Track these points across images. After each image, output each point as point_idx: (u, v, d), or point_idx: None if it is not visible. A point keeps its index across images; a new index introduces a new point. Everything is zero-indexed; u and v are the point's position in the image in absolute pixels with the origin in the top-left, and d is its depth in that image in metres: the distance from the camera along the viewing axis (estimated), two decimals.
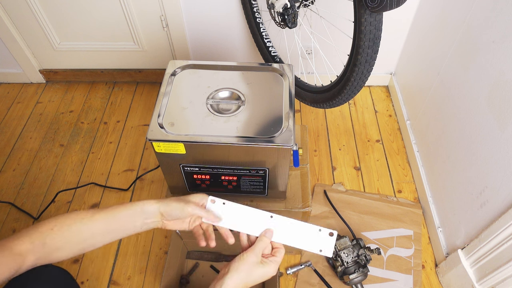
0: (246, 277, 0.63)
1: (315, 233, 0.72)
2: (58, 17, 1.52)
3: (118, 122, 1.61)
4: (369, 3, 0.80)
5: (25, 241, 0.58)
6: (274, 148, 0.80)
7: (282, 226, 0.72)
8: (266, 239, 0.68)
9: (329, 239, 0.72)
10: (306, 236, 0.72)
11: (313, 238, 0.72)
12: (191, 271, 1.16)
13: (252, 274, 0.64)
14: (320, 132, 1.56)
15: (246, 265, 0.63)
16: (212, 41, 1.57)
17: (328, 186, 1.37)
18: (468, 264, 1.02)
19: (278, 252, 0.68)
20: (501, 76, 0.89)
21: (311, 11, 1.20)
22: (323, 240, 0.72)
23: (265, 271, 0.65)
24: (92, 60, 1.70)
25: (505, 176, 0.87)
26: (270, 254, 0.68)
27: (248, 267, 0.63)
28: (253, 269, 0.63)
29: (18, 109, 1.68)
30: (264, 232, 0.69)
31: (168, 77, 0.92)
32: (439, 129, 1.21)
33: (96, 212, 0.65)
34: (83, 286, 1.16)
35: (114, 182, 1.40)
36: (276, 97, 0.88)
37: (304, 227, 0.72)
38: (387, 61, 1.62)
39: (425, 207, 1.28)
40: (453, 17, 1.12)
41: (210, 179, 0.92)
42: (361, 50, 0.90)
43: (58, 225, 0.61)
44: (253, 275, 0.64)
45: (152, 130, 0.81)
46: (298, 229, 0.72)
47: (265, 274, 0.65)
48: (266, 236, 0.69)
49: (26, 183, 1.41)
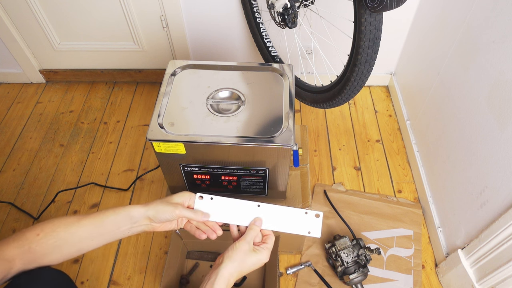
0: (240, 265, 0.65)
1: (302, 216, 0.74)
2: (58, 17, 1.52)
3: (118, 122, 1.61)
4: (369, 3, 0.80)
5: (12, 246, 0.59)
6: (274, 148, 0.80)
7: (270, 213, 0.74)
8: (256, 227, 0.70)
9: (316, 221, 0.74)
10: (294, 220, 0.74)
11: (301, 221, 0.74)
12: (191, 271, 1.16)
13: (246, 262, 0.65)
14: (320, 132, 1.56)
15: (239, 254, 0.65)
16: (212, 41, 1.57)
17: (328, 186, 1.37)
18: (468, 264, 1.02)
19: (268, 239, 0.70)
20: (501, 76, 0.89)
21: (311, 11, 1.20)
22: (310, 222, 0.74)
23: (258, 258, 0.66)
24: (92, 60, 1.70)
25: (505, 176, 0.87)
26: (261, 242, 0.70)
27: (241, 255, 0.65)
28: (246, 257, 0.65)
29: (18, 109, 1.68)
30: (253, 221, 0.71)
31: (168, 77, 0.92)
32: (439, 129, 1.21)
33: (83, 218, 0.65)
34: (83, 286, 1.16)
35: (114, 182, 1.40)
36: (276, 97, 0.88)
37: (291, 212, 0.74)
38: (387, 61, 1.62)
39: (425, 207, 1.28)
40: (453, 17, 1.12)
41: (210, 179, 0.92)
42: (361, 50, 0.90)
43: (44, 231, 0.61)
44: (247, 262, 0.65)
45: (152, 130, 0.81)
46: (286, 215, 0.74)
47: (258, 261, 0.67)
48: (256, 225, 0.70)
49: (26, 183, 1.41)
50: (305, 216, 0.74)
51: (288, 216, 0.74)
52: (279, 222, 0.74)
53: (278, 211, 0.74)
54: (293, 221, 0.74)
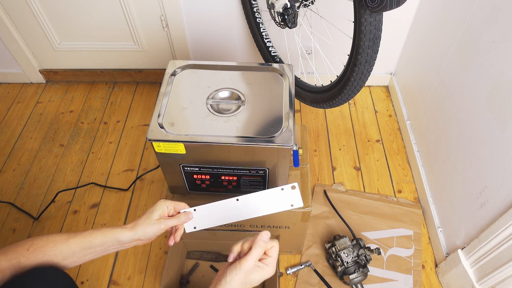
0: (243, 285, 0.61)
1: (280, 193, 0.76)
2: (58, 17, 1.52)
3: (118, 122, 1.61)
4: (369, 3, 0.80)
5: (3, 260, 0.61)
6: (274, 148, 0.80)
7: (250, 202, 0.76)
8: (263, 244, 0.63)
9: (294, 192, 0.75)
10: (274, 200, 0.76)
11: (281, 199, 0.76)
12: (191, 271, 1.16)
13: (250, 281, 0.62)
14: (320, 132, 1.56)
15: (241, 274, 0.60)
16: (212, 41, 1.57)
17: (328, 186, 1.37)
18: (468, 264, 1.02)
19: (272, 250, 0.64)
20: (501, 76, 0.89)
21: (311, 11, 1.20)
22: (290, 196, 0.76)
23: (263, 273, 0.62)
24: (92, 60, 1.70)
25: (505, 176, 0.87)
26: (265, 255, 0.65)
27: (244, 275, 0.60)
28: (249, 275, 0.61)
29: (18, 109, 1.68)
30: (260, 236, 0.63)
31: (168, 77, 0.92)
32: (439, 129, 1.21)
33: (71, 237, 0.66)
34: (83, 286, 1.16)
35: (114, 182, 1.40)
36: (276, 97, 0.88)
37: (269, 194, 0.76)
38: (387, 61, 1.62)
39: (425, 207, 1.28)
40: (453, 17, 1.12)
41: (210, 179, 0.92)
42: (361, 50, 0.90)
43: (33, 246, 0.63)
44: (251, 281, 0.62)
45: (152, 130, 0.81)
46: (265, 198, 0.76)
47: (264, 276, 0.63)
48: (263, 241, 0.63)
49: (26, 183, 1.41)
50: (283, 192, 0.75)
51: (268, 198, 0.76)
52: (261, 207, 0.76)
53: (256, 198, 0.76)
54: (274, 201, 0.76)
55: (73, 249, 0.66)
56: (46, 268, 0.64)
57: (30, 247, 0.63)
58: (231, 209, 0.76)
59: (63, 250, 0.65)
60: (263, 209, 0.76)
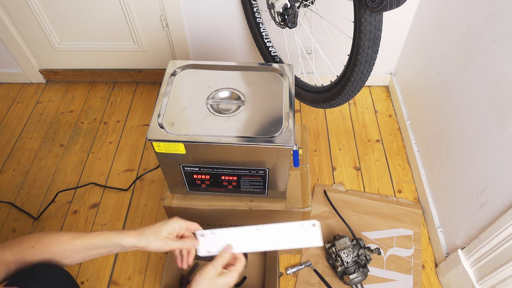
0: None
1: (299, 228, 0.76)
2: (58, 17, 1.52)
3: (118, 122, 1.61)
4: (369, 3, 0.80)
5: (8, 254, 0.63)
6: (274, 148, 0.80)
7: (269, 233, 0.77)
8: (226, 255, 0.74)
9: (314, 230, 0.76)
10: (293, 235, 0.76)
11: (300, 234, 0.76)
12: (191, 271, 1.16)
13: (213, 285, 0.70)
14: (320, 132, 1.56)
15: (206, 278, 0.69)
16: (212, 41, 1.57)
17: (328, 186, 1.37)
18: (468, 264, 1.02)
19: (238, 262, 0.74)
20: (501, 76, 0.89)
21: (311, 11, 1.20)
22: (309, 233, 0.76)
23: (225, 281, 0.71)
24: (92, 60, 1.70)
25: (505, 176, 0.87)
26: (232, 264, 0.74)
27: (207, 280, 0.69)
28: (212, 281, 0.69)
29: (18, 109, 1.68)
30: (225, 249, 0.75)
31: (168, 77, 0.92)
32: (439, 129, 1.21)
33: (76, 237, 0.68)
34: (83, 286, 1.16)
35: (114, 182, 1.40)
36: (276, 97, 0.88)
37: (288, 227, 0.76)
38: (387, 61, 1.62)
39: (425, 207, 1.28)
40: (453, 17, 1.12)
41: (210, 179, 0.92)
42: (361, 50, 0.90)
43: (38, 244, 0.65)
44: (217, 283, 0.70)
45: (152, 130, 0.81)
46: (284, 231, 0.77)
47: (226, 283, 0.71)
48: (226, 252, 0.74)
49: (26, 183, 1.41)
50: (303, 228, 0.76)
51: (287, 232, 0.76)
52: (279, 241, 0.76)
53: (276, 230, 0.76)
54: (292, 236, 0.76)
55: (77, 249, 0.68)
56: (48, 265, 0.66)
57: (36, 244, 0.65)
58: (250, 237, 0.76)
59: (67, 249, 0.67)
60: (281, 242, 0.76)
